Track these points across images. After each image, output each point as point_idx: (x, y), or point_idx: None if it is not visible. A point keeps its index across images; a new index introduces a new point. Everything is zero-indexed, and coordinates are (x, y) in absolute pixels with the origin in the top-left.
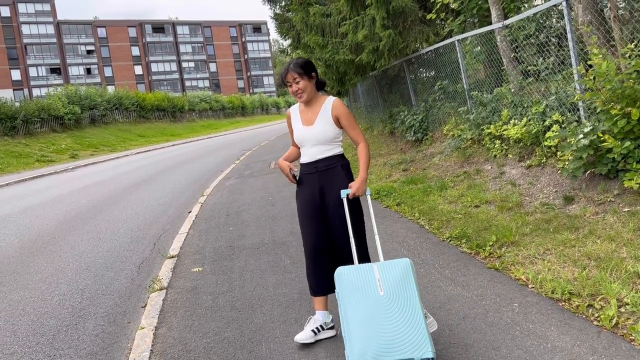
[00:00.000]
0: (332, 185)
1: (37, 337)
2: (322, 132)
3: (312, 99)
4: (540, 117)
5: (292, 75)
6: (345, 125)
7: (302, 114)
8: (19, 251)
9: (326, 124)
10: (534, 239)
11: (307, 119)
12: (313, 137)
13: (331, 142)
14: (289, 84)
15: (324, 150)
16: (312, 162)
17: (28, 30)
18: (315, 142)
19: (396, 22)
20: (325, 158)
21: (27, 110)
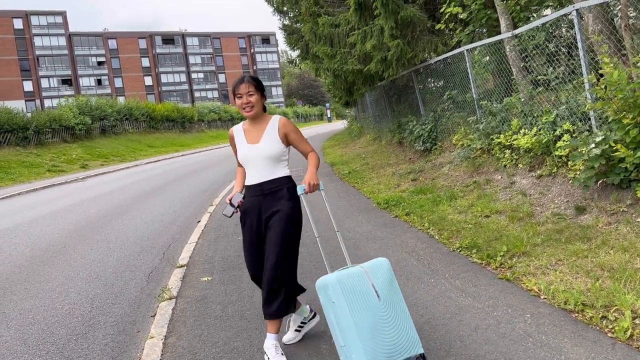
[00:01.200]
0: (276, 207)
1: (48, 345)
2: (268, 149)
3: (258, 117)
4: (551, 126)
5: (248, 88)
6: (294, 140)
7: (246, 132)
8: (30, 260)
9: (272, 141)
10: (545, 249)
11: (252, 138)
12: (258, 155)
13: (277, 160)
14: (239, 95)
15: (270, 172)
16: (257, 184)
17: (40, 42)
18: (261, 161)
19: (405, 32)
20: (271, 180)
21: (38, 120)
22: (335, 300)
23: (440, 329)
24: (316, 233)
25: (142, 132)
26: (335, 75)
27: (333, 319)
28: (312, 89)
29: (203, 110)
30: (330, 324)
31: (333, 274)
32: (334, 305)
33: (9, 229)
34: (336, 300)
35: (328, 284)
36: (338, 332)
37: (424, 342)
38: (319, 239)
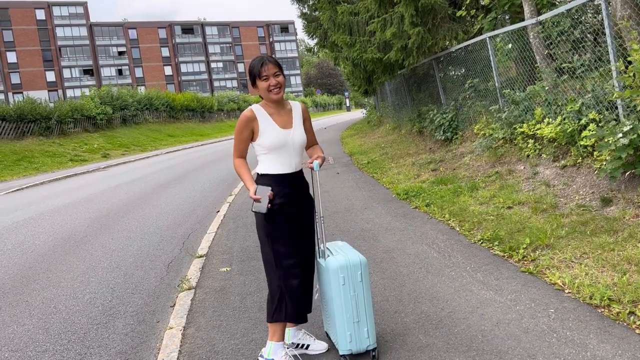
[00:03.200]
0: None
1: (69, 335)
2: (301, 136)
3: (281, 101)
4: (576, 115)
5: (274, 67)
6: (308, 129)
7: (274, 117)
8: (52, 249)
9: (301, 127)
10: (570, 242)
11: (282, 122)
12: (294, 141)
13: (303, 150)
14: (265, 77)
15: (299, 161)
16: (294, 173)
17: (62, 33)
18: (295, 148)
19: (425, 19)
20: (302, 170)
21: (61, 110)
22: (363, 279)
23: (461, 323)
24: (321, 213)
25: (162, 121)
26: (354, 64)
27: (352, 298)
28: (331, 77)
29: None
30: (345, 304)
31: (355, 254)
32: (360, 283)
33: (33, 218)
34: (364, 279)
35: (359, 264)
36: (354, 309)
37: (444, 336)
38: (322, 219)
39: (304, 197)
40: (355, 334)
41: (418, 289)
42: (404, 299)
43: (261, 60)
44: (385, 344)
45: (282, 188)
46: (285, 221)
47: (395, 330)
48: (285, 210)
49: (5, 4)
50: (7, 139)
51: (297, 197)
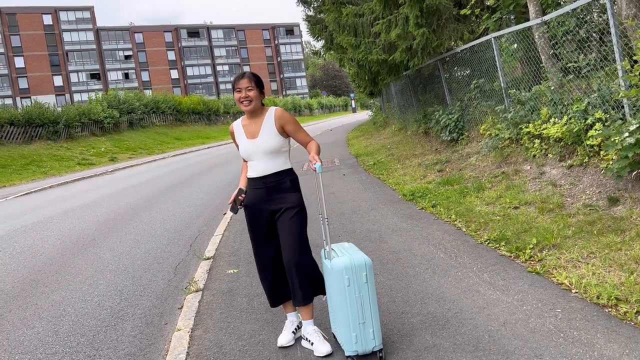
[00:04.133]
0: (281, 199)
1: (78, 337)
2: (267, 143)
3: (256, 112)
4: (582, 115)
5: (247, 83)
6: (291, 131)
7: (245, 128)
8: (61, 252)
9: (270, 135)
10: (576, 241)
11: (250, 132)
12: (259, 149)
13: (278, 154)
14: (238, 89)
15: (272, 165)
16: (261, 177)
17: (69, 38)
18: (262, 155)
19: (430, 20)
20: (274, 173)
21: (68, 115)
22: (368, 280)
23: (467, 324)
24: (325, 215)
25: (168, 124)
26: (359, 65)
27: (358, 299)
28: (337, 79)
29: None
30: (351, 305)
31: (360, 256)
32: (366, 285)
33: (41, 222)
34: (369, 280)
35: (364, 265)
36: (360, 310)
37: (451, 336)
38: (327, 221)
39: (273, 198)
40: (361, 335)
41: (425, 289)
42: (410, 300)
43: (241, 74)
44: (392, 344)
45: (250, 190)
46: (249, 219)
47: (402, 331)
48: (249, 209)
49: (12, 10)
50: (16, 144)
51: (261, 198)
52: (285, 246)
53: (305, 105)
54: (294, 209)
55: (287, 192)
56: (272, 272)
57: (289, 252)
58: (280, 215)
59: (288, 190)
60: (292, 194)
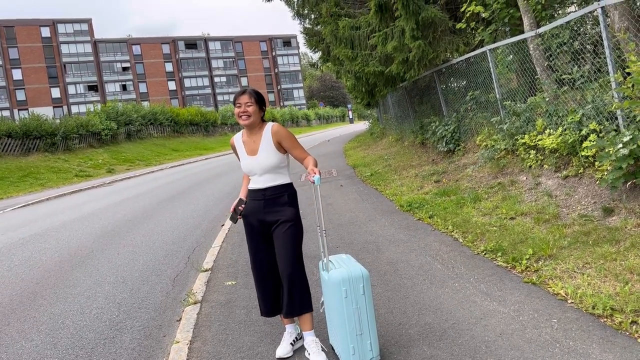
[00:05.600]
0: (278, 212)
1: (77, 350)
2: (266, 160)
3: (255, 127)
4: (577, 126)
5: (247, 98)
6: (288, 147)
7: (245, 145)
8: (59, 265)
9: (269, 152)
10: (572, 252)
11: (251, 149)
12: (259, 166)
13: (277, 169)
14: (239, 104)
15: (272, 178)
16: (261, 189)
17: (67, 50)
18: (263, 171)
19: (426, 32)
20: (273, 187)
21: (66, 126)
22: (365, 292)
23: (464, 334)
24: (323, 227)
25: (166, 136)
26: (356, 77)
27: (355, 311)
28: (334, 90)
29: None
30: (348, 317)
31: (357, 267)
32: (363, 296)
33: (39, 234)
34: (367, 291)
35: (361, 276)
36: (357, 321)
37: (448, 347)
38: (325, 232)
39: (270, 210)
40: (359, 346)
41: (422, 300)
42: (408, 311)
43: (242, 90)
44: (389, 355)
45: (249, 201)
46: (247, 229)
47: (400, 342)
48: (248, 220)
49: (10, 22)
50: (13, 156)
51: (259, 210)
52: (280, 258)
53: (303, 116)
54: (288, 223)
55: (284, 206)
56: (267, 282)
57: (284, 264)
58: (276, 227)
59: (285, 204)
60: (289, 208)
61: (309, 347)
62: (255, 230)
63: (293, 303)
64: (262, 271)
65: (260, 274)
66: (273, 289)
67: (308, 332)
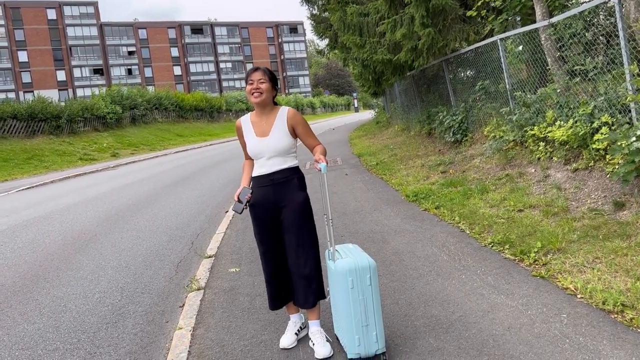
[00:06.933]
0: (288, 198)
1: (79, 334)
2: (278, 143)
3: (266, 108)
4: (588, 118)
5: (260, 75)
6: (301, 133)
7: (254, 125)
8: (62, 248)
9: (282, 134)
10: (582, 246)
11: (261, 130)
12: (269, 149)
13: (287, 153)
14: (251, 81)
15: (280, 162)
16: (268, 174)
17: (73, 32)
18: (272, 154)
19: (436, 20)
20: (281, 170)
21: (71, 110)
22: (372, 283)
23: (472, 327)
24: (329, 216)
25: (171, 121)
26: (363, 65)
27: (361, 301)
28: (339, 78)
29: (231, 100)
30: (354, 307)
31: (364, 258)
32: (369, 287)
33: (43, 217)
34: (373, 282)
35: (368, 267)
36: (363, 312)
37: (455, 340)
38: (331, 221)
39: (279, 196)
40: (364, 337)
41: (428, 292)
42: (414, 302)
43: (255, 67)
44: (395, 347)
45: (256, 189)
46: (254, 217)
47: (406, 334)
48: (255, 209)
49: (16, 4)
50: (18, 138)
51: (267, 196)
52: (291, 249)
53: (308, 104)
54: (300, 208)
55: (294, 190)
56: (278, 275)
57: (295, 255)
58: (286, 215)
59: (295, 188)
60: (299, 192)
61: (313, 337)
62: (264, 219)
63: (310, 293)
64: (273, 264)
65: (271, 267)
66: (284, 280)
67: (314, 321)
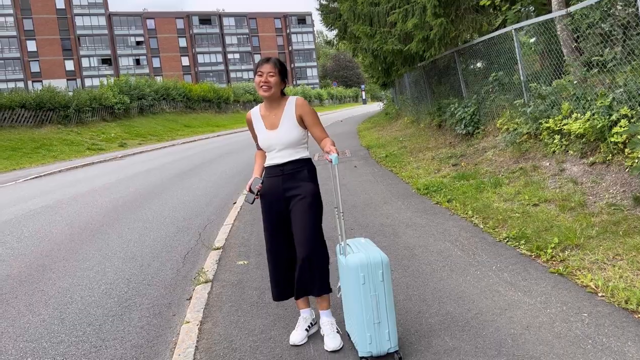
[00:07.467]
0: (297, 189)
1: (84, 326)
2: (288, 135)
3: (275, 100)
4: (606, 110)
5: (270, 68)
6: (309, 123)
7: (264, 118)
8: (69, 238)
9: (291, 126)
10: (601, 242)
11: (270, 123)
12: (280, 141)
13: (298, 145)
14: (260, 73)
15: (291, 153)
16: (278, 164)
17: (81, 22)
18: (282, 147)
19: (448, 10)
20: (292, 161)
21: (79, 99)
22: (385, 279)
23: (489, 326)
24: (340, 208)
25: (179, 112)
26: (374, 55)
27: (373, 298)
28: (347, 70)
29: (239, 91)
30: (366, 304)
31: (376, 252)
32: (382, 283)
33: (50, 206)
34: (386, 278)
35: (380, 262)
36: (375, 309)
37: (472, 339)
38: (342, 214)
39: (289, 186)
40: (376, 335)
41: (442, 288)
42: (427, 299)
43: (266, 59)
44: (409, 345)
45: (266, 179)
46: (263, 206)
47: (420, 332)
48: (265, 198)
49: None
50: (27, 127)
51: (277, 186)
52: (299, 239)
53: (316, 95)
54: (308, 200)
55: (304, 181)
56: (282, 265)
57: (302, 245)
58: (294, 205)
59: (305, 179)
60: (309, 183)
61: (324, 328)
62: (273, 209)
63: (312, 282)
64: (279, 254)
65: (276, 256)
66: (287, 271)
67: (324, 311)
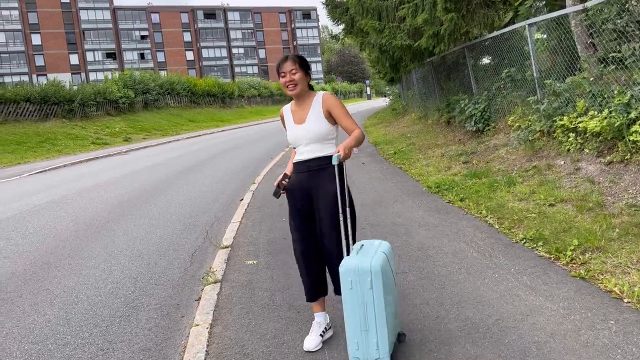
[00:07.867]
0: (322, 186)
1: (90, 327)
2: (315, 129)
3: (303, 96)
4: (624, 108)
5: (292, 65)
6: (337, 115)
7: (294, 114)
8: (74, 234)
9: (318, 120)
10: (623, 245)
11: (298, 118)
12: (306, 136)
13: (325, 140)
14: (283, 74)
15: (318, 148)
16: (305, 160)
17: (86, 16)
18: (309, 141)
19: (459, 5)
20: (318, 157)
21: (84, 93)
22: (374, 287)
23: (511, 333)
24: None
25: (183, 106)
26: (381, 50)
27: (360, 304)
28: (352, 65)
29: (243, 85)
30: (352, 309)
31: (367, 260)
32: (370, 291)
33: (55, 202)
34: (375, 286)
35: (369, 270)
36: (362, 316)
37: (495, 347)
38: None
39: (314, 184)
40: (363, 342)
41: (460, 291)
42: (445, 303)
43: (285, 57)
44: (429, 353)
45: (294, 175)
46: (289, 202)
47: (440, 338)
48: (291, 195)
49: None
50: (31, 121)
51: (302, 183)
52: (324, 237)
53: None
54: (333, 199)
55: (329, 179)
56: (312, 263)
57: (327, 244)
58: (318, 204)
59: (330, 177)
60: (333, 179)
61: None
62: (298, 206)
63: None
64: (309, 253)
65: (306, 256)
66: (319, 269)
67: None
